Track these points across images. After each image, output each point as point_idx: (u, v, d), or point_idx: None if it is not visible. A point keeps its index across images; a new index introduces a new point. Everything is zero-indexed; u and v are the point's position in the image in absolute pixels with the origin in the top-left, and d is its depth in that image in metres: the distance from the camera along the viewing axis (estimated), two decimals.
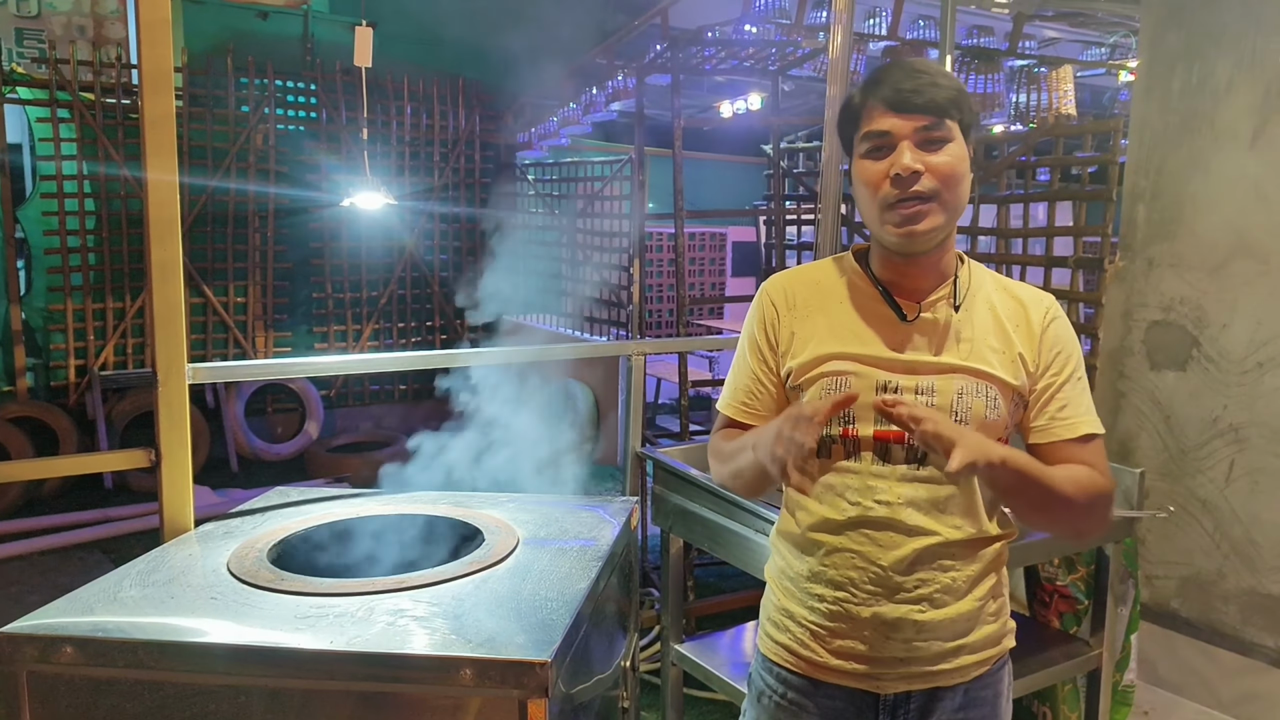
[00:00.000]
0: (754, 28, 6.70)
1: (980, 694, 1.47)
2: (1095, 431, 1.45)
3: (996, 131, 6.57)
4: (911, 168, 1.32)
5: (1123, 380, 3.20)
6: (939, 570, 1.40)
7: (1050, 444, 1.44)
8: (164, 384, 2.00)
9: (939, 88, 1.34)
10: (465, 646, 1.42)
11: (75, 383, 6.80)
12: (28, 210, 6.82)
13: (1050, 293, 4.00)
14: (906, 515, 1.39)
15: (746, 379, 1.53)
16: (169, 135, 1.95)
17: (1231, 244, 2.87)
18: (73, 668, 1.45)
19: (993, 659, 1.48)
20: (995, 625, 1.48)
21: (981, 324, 1.43)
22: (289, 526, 1.99)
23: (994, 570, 1.46)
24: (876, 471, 1.40)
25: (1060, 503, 1.36)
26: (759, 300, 1.54)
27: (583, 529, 2.00)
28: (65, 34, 7.00)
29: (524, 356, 2.75)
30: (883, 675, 1.43)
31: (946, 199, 1.35)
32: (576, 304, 7.85)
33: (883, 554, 1.39)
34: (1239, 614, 2.88)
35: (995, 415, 1.39)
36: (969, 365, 1.40)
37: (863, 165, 1.38)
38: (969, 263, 1.48)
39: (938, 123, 1.34)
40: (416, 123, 8.00)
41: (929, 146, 1.34)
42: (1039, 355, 1.43)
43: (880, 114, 1.35)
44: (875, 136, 1.36)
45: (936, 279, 1.43)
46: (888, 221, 1.36)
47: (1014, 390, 1.41)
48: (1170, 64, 3.03)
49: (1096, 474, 1.41)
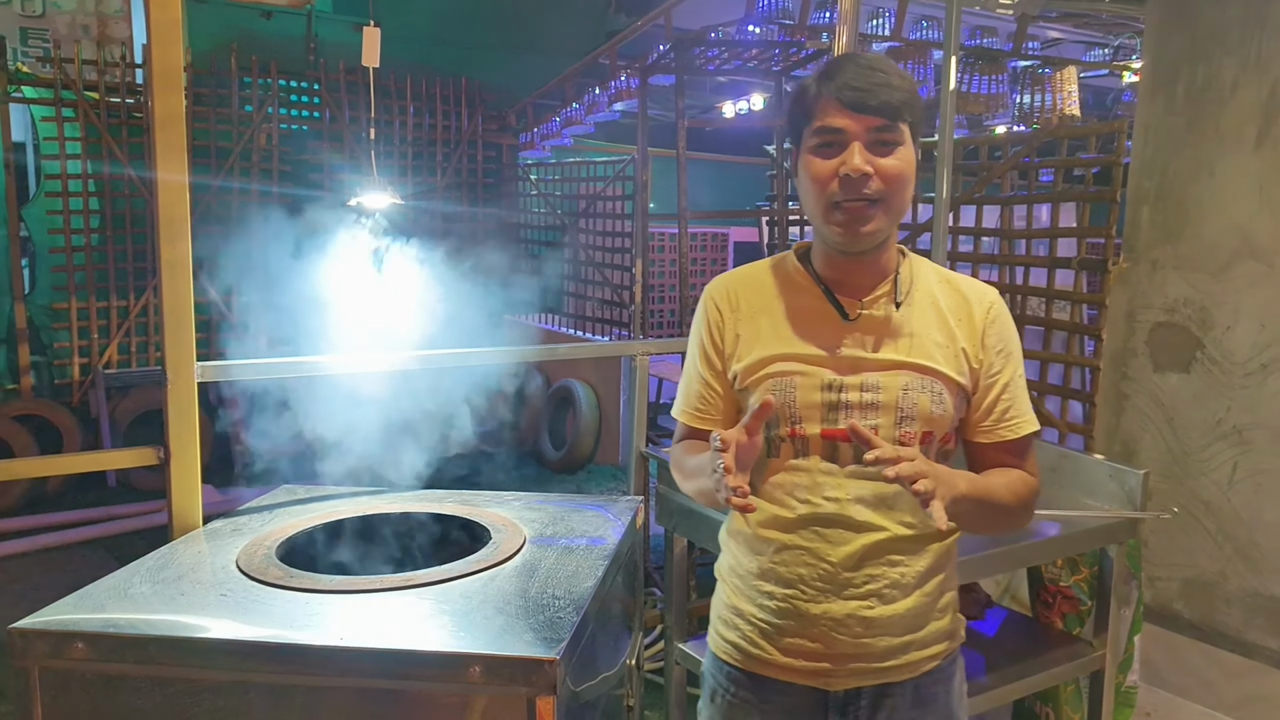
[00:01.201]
0: (757, 28, 6.71)
1: (931, 690, 1.48)
2: (1034, 430, 1.49)
3: (1000, 132, 6.57)
4: (862, 169, 1.32)
5: (1126, 382, 3.20)
6: (888, 566, 1.41)
7: (992, 445, 1.47)
8: (173, 382, 2.01)
9: (894, 89, 1.33)
10: (474, 643, 1.42)
11: (79, 381, 6.82)
12: (32, 209, 6.84)
13: (1054, 294, 4.02)
14: (855, 511, 1.40)
15: (697, 384, 1.54)
16: (179, 135, 1.95)
17: (1236, 246, 2.88)
18: (84, 663, 1.46)
19: (942, 654, 1.49)
20: (945, 621, 1.49)
21: (925, 319, 1.44)
22: (297, 524, 1.99)
23: (943, 566, 1.48)
24: (825, 469, 1.41)
25: (1002, 513, 1.42)
26: (703, 304, 1.54)
27: (589, 528, 2.01)
28: (70, 33, 7.01)
29: (528, 356, 2.76)
30: (832, 672, 1.44)
31: (892, 203, 1.36)
32: (579, 304, 7.86)
33: (832, 550, 1.40)
34: (1242, 616, 2.89)
35: (941, 410, 1.41)
36: (913, 361, 1.41)
37: (811, 160, 1.37)
38: (910, 257, 1.49)
39: (890, 125, 1.34)
40: (419, 122, 8.01)
41: (879, 148, 1.34)
42: (982, 352, 1.45)
43: (834, 110, 1.34)
44: (827, 132, 1.35)
45: (878, 276, 1.44)
46: (832, 220, 1.37)
47: (958, 385, 1.43)
48: (1175, 65, 3.04)
49: (1028, 476, 1.47)
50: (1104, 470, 2.40)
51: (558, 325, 8.02)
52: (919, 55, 6.69)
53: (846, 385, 1.40)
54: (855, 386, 1.40)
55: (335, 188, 7.38)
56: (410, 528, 2.11)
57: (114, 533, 5.32)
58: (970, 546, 2.11)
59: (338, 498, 2.22)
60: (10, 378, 6.73)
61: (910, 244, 4.66)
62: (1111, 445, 3.24)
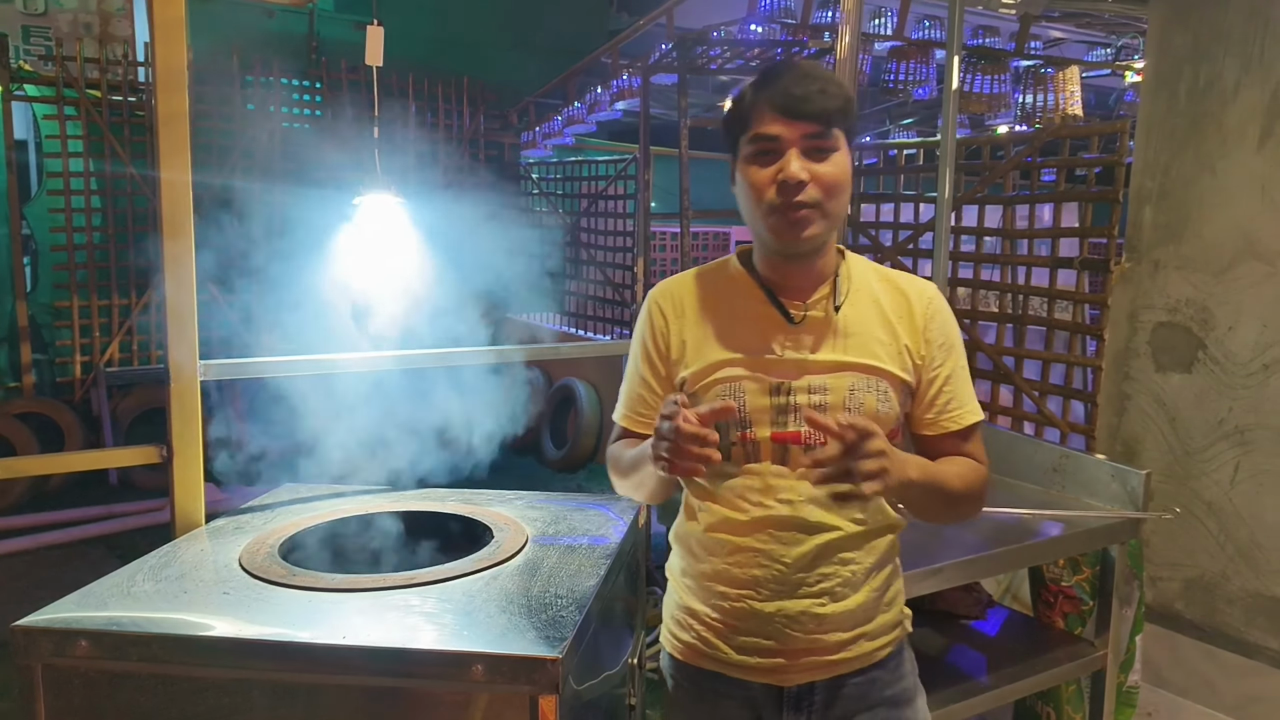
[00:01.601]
0: (759, 28, 6.70)
1: (884, 678, 1.52)
2: (978, 420, 1.51)
3: (1002, 132, 6.57)
4: (798, 176, 1.34)
5: (1128, 382, 3.20)
6: (839, 564, 1.44)
7: (938, 436, 1.50)
8: (176, 380, 2.01)
9: (829, 96, 1.35)
10: (476, 642, 1.43)
11: (80, 379, 6.83)
12: (34, 207, 6.84)
13: (1056, 294, 4.02)
14: (808, 512, 1.42)
15: (639, 388, 1.55)
16: (182, 133, 1.95)
17: (1238, 246, 2.88)
18: (87, 661, 1.47)
19: (892, 642, 1.53)
20: (891, 613, 1.53)
21: (867, 318, 1.46)
22: (299, 522, 2.00)
23: (889, 561, 1.52)
24: (777, 472, 1.43)
25: (953, 500, 1.44)
26: (647, 308, 1.55)
27: (591, 527, 2.01)
28: (72, 31, 7.02)
29: (529, 355, 2.76)
30: (787, 668, 1.46)
31: (829, 208, 1.38)
32: (580, 303, 7.87)
33: (786, 551, 1.43)
34: (1243, 616, 2.89)
35: (887, 408, 1.43)
36: (858, 361, 1.43)
37: (749, 168, 1.39)
38: (850, 257, 1.51)
39: (825, 131, 1.35)
40: (421, 121, 8.01)
41: (815, 155, 1.36)
42: (923, 346, 1.47)
43: (770, 118, 1.36)
44: (763, 140, 1.37)
45: (819, 278, 1.46)
46: (771, 227, 1.39)
47: (903, 383, 1.45)
48: (1177, 65, 3.04)
49: (976, 464, 1.50)
50: (1106, 470, 2.41)
51: (559, 324, 8.03)
52: (921, 55, 6.69)
53: (794, 388, 1.42)
54: (803, 389, 1.42)
55: (338, 186, 7.38)
56: (412, 526, 2.11)
57: (116, 531, 5.32)
58: (972, 546, 2.11)
59: (340, 496, 2.23)
60: (12, 376, 6.74)
61: (913, 243, 4.65)
62: (1113, 445, 3.24)
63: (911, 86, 6.66)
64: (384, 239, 3.06)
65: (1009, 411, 4.28)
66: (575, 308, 7.95)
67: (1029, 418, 4.13)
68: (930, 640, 2.36)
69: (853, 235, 4.94)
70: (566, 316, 8.06)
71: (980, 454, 1.53)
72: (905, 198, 4.79)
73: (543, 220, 8.50)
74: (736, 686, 1.50)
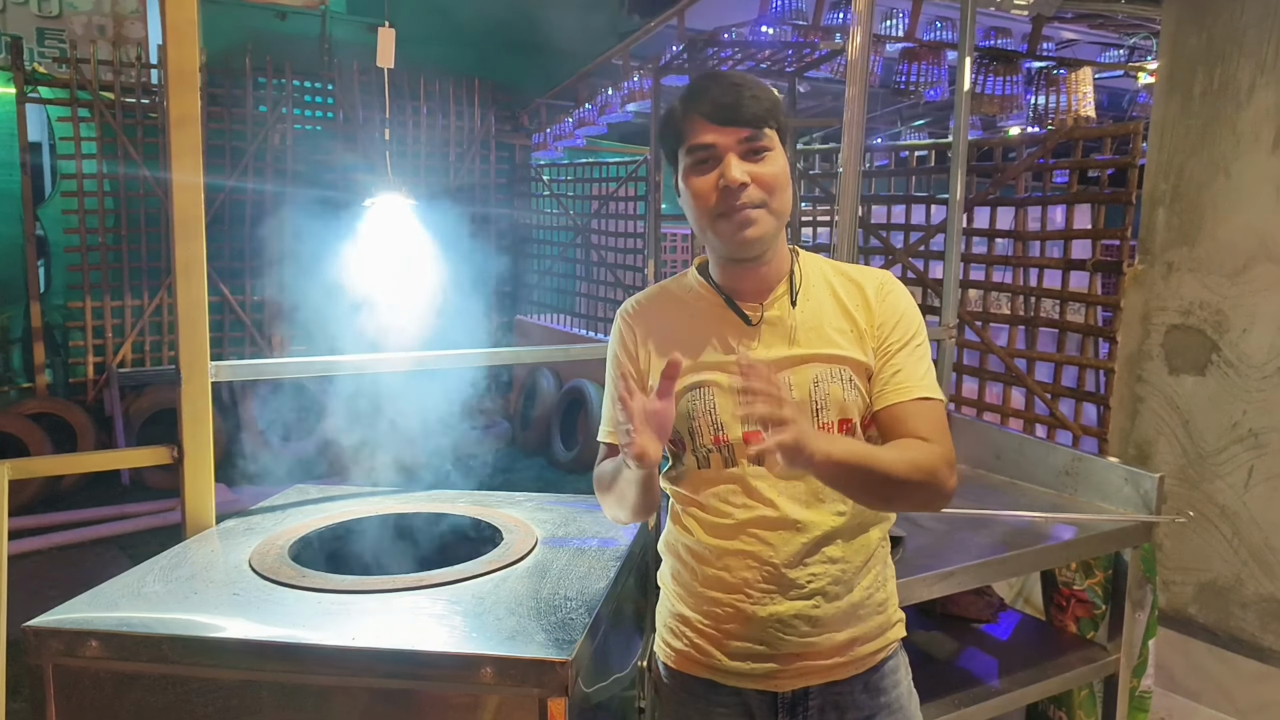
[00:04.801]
0: (771, 29, 6.70)
1: (879, 684, 1.51)
2: (929, 395, 1.44)
3: (1014, 133, 6.55)
4: (739, 179, 1.37)
5: (1141, 384, 3.18)
6: (828, 563, 1.44)
7: (885, 408, 1.44)
8: (187, 381, 2.01)
9: (757, 99, 1.39)
10: (486, 644, 1.43)
11: (93, 380, 6.86)
12: (48, 209, 6.89)
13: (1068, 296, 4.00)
14: (791, 510, 1.43)
15: (617, 404, 1.55)
16: (194, 135, 1.96)
17: (1253, 248, 2.86)
18: (97, 662, 1.47)
19: (886, 646, 1.52)
20: (883, 615, 1.52)
21: (824, 310, 1.48)
22: (309, 524, 2.00)
23: (878, 561, 1.51)
24: (755, 473, 1.44)
25: (894, 484, 1.34)
26: (616, 325, 1.59)
27: (600, 528, 2.01)
28: (86, 33, 7.07)
29: (539, 357, 2.75)
30: (780, 673, 1.46)
31: (773, 206, 1.41)
32: (591, 304, 7.87)
33: (774, 552, 1.43)
34: (1257, 620, 2.87)
35: (854, 395, 1.43)
36: (819, 352, 1.44)
37: (690, 179, 1.42)
38: (801, 254, 1.53)
39: (757, 133, 1.39)
40: (433, 123, 8.03)
41: (752, 156, 1.39)
42: (877, 327, 1.47)
43: (703, 127, 1.40)
44: (699, 150, 1.40)
45: (774, 278, 1.48)
46: (720, 232, 1.41)
47: (865, 366, 1.45)
48: (1191, 66, 3.02)
49: (932, 446, 1.39)
50: (1119, 474, 2.39)
51: (570, 325, 8.03)
52: (933, 56, 6.67)
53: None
54: None
55: (349, 188, 7.41)
56: (422, 528, 2.11)
57: (127, 531, 5.35)
58: (984, 549, 2.10)
59: (350, 497, 2.23)
60: (25, 376, 6.78)
61: (924, 245, 4.64)
62: (1126, 448, 3.22)
63: (923, 88, 6.65)
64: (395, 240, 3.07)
65: (1021, 414, 4.26)
66: (586, 309, 7.95)
67: (1041, 420, 4.11)
68: (942, 644, 2.35)
69: (864, 237, 4.92)
70: (577, 318, 8.07)
71: (936, 436, 1.41)
72: (916, 199, 4.77)
73: (554, 222, 8.51)
74: (730, 694, 1.49)
